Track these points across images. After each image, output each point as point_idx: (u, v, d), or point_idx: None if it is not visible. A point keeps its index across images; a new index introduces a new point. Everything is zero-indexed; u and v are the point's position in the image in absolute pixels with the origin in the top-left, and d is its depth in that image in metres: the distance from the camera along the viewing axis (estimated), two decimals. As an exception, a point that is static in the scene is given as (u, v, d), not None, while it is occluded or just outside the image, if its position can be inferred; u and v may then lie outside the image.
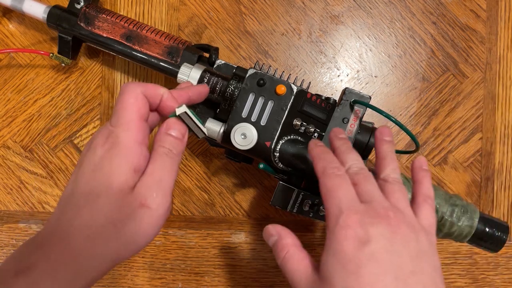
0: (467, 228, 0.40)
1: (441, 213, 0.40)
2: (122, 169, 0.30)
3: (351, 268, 0.28)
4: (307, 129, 0.41)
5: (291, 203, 0.42)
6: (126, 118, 0.31)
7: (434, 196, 0.36)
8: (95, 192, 0.29)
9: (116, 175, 0.29)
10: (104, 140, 0.30)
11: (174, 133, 0.33)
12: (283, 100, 0.40)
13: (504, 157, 0.52)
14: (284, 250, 0.32)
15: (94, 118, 0.52)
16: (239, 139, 0.40)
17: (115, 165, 0.30)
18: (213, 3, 0.52)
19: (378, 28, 0.52)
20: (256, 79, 0.40)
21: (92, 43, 0.46)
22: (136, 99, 0.31)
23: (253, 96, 0.40)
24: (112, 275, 0.52)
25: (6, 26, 0.53)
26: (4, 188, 0.53)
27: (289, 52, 0.52)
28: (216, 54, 0.45)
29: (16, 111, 0.53)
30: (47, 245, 0.28)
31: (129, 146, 0.30)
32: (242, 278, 0.52)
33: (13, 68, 0.53)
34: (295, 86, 0.40)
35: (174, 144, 0.32)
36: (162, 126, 0.33)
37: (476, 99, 0.52)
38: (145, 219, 0.29)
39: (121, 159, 0.30)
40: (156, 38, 0.45)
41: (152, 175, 0.30)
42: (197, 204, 0.53)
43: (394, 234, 0.29)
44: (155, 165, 0.31)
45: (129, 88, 0.32)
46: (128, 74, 0.52)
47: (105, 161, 0.30)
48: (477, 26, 0.52)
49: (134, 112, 0.31)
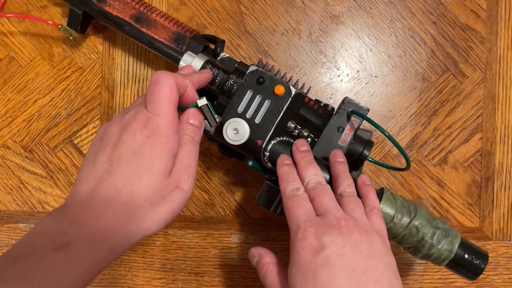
0: (446, 252, 0.40)
1: (422, 233, 0.40)
2: (164, 156, 0.32)
3: (308, 274, 0.31)
4: (301, 132, 0.41)
5: (275, 204, 0.42)
6: (164, 108, 0.33)
7: (418, 216, 0.40)
8: (137, 175, 0.31)
9: (158, 161, 0.32)
10: (142, 126, 0.32)
11: (194, 122, 0.36)
12: (280, 100, 0.40)
13: (504, 157, 0.52)
14: (264, 268, 0.37)
15: (94, 118, 0.52)
16: (231, 133, 0.40)
17: (157, 152, 0.32)
18: (213, 3, 0.52)
19: (378, 28, 0.52)
20: (256, 76, 0.40)
21: (101, 20, 0.47)
22: (172, 90, 0.34)
23: (251, 93, 0.40)
24: (112, 275, 0.52)
25: (6, 26, 0.53)
26: (4, 188, 0.53)
27: (289, 52, 0.52)
28: (222, 47, 0.45)
29: (16, 111, 0.53)
30: (82, 223, 0.30)
31: (168, 135, 0.33)
32: (242, 278, 0.52)
33: (13, 68, 0.53)
34: (294, 89, 0.40)
35: (195, 132, 0.36)
36: (184, 116, 0.36)
37: (476, 99, 0.52)
38: (177, 200, 0.32)
39: (162, 147, 0.32)
40: (165, 23, 0.45)
41: (183, 162, 0.33)
42: (197, 204, 0.53)
43: (346, 239, 0.32)
44: (183, 151, 0.34)
45: (164, 78, 0.34)
46: (128, 73, 0.52)
47: (146, 147, 0.32)
48: (477, 26, 0.52)
49: (171, 103, 0.34)
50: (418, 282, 0.52)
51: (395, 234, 0.40)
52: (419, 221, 0.40)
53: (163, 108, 0.33)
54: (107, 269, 0.52)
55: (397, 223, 0.40)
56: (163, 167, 0.32)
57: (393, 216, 0.40)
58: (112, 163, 0.32)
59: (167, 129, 0.33)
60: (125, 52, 0.52)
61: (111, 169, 0.32)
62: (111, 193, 0.31)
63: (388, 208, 0.40)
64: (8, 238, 0.52)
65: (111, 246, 0.30)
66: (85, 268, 0.29)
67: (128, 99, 0.52)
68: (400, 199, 0.42)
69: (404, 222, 0.40)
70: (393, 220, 0.40)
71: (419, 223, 0.40)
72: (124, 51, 0.52)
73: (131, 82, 0.52)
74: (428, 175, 0.52)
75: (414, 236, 0.40)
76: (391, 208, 0.40)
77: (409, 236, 0.40)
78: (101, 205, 0.30)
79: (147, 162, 0.32)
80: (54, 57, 0.53)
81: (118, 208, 0.30)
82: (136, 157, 0.32)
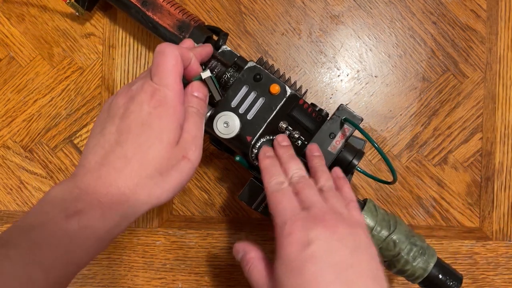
0: (420, 270, 0.40)
1: (399, 248, 0.40)
2: (172, 126, 0.33)
3: (295, 269, 0.31)
4: (292, 134, 0.41)
5: (257, 202, 0.42)
6: (170, 79, 0.33)
7: (397, 230, 0.40)
8: (146, 144, 0.32)
9: (166, 131, 0.33)
10: (149, 97, 0.33)
11: (199, 94, 0.36)
12: (275, 99, 0.40)
13: (504, 157, 0.52)
14: (248, 264, 0.37)
15: (94, 118, 0.52)
16: (221, 126, 0.40)
17: (165, 122, 0.33)
18: (213, 3, 0.52)
19: (378, 28, 0.52)
20: (254, 73, 0.40)
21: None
22: (177, 61, 0.34)
23: (246, 89, 0.40)
24: (112, 275, 0.52)
25: (6, 26, 0.53)
26: (4, 188, 0.53)
27: (289, 52, 0.52)
28: (224, 39, 0.45)
29: (16, 111, 0.53)
30: (94, 192, 0.30)
31: (175, 106, 0.33)
32: (242, 278, 0.52)
33: (13, 68, 0.53)
34: (289, 89, 0.40)
35: (200, 104, 0.36)
36: (188, 88, 0.36)
37: (476, 99, 0.52)
38: (185, 170, 0.33)
39: (170, 117, 0.33)
40: (171, 9, 0.45)
41: (189, 132, 0.34)
42: (197, 204, 0.53)
43: (332, 234, 0.32)
44: (189, 123, 0.35)
45: (169, 50, 0.34)
46: (128, 73, 0.52)
47: (154, 118, 0.32)
48: (477, 26, 0.52)
49: (177, 75, 0.34)
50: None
51: None
52: (397, 236, 0.40)
53: (169, 79, 0.33)
54: (107, 269, 0.52)
55: (375, 235, 0.40)
56: (171, 137, 0.33)
57: (372, 228, 0.40)
58: (121, 133, 0.32)
59: (174, 99, 0.33)
60: (125, 52, 0.52)
61: (120, 139, 0.32)
62: (122, 162, 0.31)
63: (368, 219, 0.40)
64: (8, 238, 0.52)
65: (122, 214, 0.31)
66: (97, 236, 0.30)
67: (128, 99, 0.52)
68: (381, 212, 0.42)
69: (382, 235, 0.40)
70: (372, 232, 0.40)
71: (397, 238, 0.40)
72: (124, 51, 0.52)
73: (131, 82, 0.52)
74: (428, 175, 0.52)
75: (391, 250, 0.40)
76: (371, 219, 0.40)
77: (386, 250, 0.40)
78: (111, 174, 0.31)
79: (156, 132, 0.32)
80: (54, 57, 0.53)
81: (129, 177, 0.31)
82: (144, 128, 0.32)
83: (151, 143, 0.32)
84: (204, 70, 0.37)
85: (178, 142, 0.33)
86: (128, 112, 0.33)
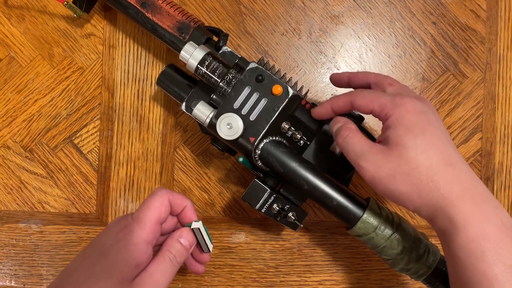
0: (424, 268, 0.40)
1: (403, 247, 0.40)
2: (125, 263, 0.33)
3: (417, 131, 0.34)
4: (294, 134, 0.41)
5: (261, 202, 0.42)
6: (146, 218, 0.35)
7: (400, 229, 0.41)
8: (97, 275, 0.32)
9: (119, 267, 0.32)
10: (119, 229, 0.34)
11: (184, 242, 0.37)
12: (277, 100, 0.40)
13: (504, 157, 0.52)
14: (347, 131, 0.37)
15: (94, 118, 0.52)
16: (224, 128, 0.40)
17: (120, 258, 0.33)
18: (213, 3, 0.52)
19: (378, 28, 0.52)
20: (256, 74, 0.40)
21: (106, 0, 0.47)
22: (161, 204, 0.36)
23: (248, 90, 0.40)
24: (112, 275, 0.52)
25: (6, 26, 0.53)
26: (4, 188, 0.53)
27: (289, 52, 0.52)
28: (225, 40, 0.45)
29: (16, 111, 0.53)
30: None
31: (138, 243, 0.34)
32: (242, 278, 0.52)
33: (13, 68, 0.53)
34: (292, 90, 0.40)
35: (181, 252, 0.37)
36: (176, 233, 0.37)
37: (476, 99, 0.52)
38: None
39: (127, 254, 0.33)
40: (170, 11, 0.45)
41: (152, 277, 0.34)
42: (197, 204, 0.53)
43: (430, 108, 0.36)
44: (157, 267, 0.34)
45: (160, 193, 0.36)
46: (128, 73, 0.52)
47: (113, 251, 0.33)
48: (477, 26, 0.52)
49: (155, 215, 0.35)
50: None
51: (375, 245, 0.40)
52: (401, 234, 0.40)
53: (145, 217, 0.35)
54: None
55: (379, 233, 0.40)
56: (123, 273, 0.32)
57: (375, 227, 0.40)
58: (83, 259, 0.34)
59: (139, 237, 0.34)
60: (125, 52, 0.52)
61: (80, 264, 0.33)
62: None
63: (372, 218, 0.40)
64: (8, 238, 0.52)
65: None
66: None
67: (128, 99, 0.52)
68: (385, 210, 0.42)
69: (386, 234, 0.40)
70: (375, 231, 0.40)
71: (400, 236, 0.40)
72: (124, 51, 0.52)
73: (131, 82, 0.52)
74: (428, 175, 0.52)
75: (394, 248, 0.40)
76: (375, 218, 0.40)
77: (389, 248, 0.40)
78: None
79: (109, 265, 0.32)
80: (54, 57, 0.53)
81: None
82: (101, 258, 0.33)
83: (101, 276, 0.32)
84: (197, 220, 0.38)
85: (134, 282, 0.33)
86: (96, 240, 0.34)
